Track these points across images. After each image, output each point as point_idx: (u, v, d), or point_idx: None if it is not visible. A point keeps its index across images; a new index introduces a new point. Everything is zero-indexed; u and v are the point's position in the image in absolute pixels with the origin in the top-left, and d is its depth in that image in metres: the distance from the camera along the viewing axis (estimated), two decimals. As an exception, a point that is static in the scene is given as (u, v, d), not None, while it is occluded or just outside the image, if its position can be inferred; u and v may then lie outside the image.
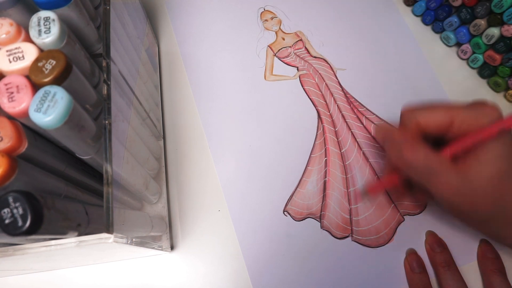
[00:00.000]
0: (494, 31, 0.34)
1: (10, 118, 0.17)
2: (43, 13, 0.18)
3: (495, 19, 0.33)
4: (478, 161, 0.23)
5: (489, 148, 0.23)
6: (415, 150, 0.24)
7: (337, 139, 0.35)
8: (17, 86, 0.17)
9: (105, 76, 0.21)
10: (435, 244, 0.30)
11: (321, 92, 0.37)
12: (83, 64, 0.21)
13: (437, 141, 0.25)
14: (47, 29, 0.18)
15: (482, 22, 0.35)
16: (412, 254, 0.30)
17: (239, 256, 0.31)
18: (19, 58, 0.18)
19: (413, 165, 0.24)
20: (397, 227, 0.32)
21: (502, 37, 0.34)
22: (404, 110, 0.26)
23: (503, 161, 0.23)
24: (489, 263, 0.29)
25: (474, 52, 0.37)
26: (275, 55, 0.39)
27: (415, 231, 0.32)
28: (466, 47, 0.38)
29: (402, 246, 0.31)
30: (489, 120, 0.23)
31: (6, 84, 0.17)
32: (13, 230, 0.15)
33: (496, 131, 0.22)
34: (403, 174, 0.27)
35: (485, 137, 0.22)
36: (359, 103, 0.37)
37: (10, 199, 0.15)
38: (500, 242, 0.29)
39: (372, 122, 0.36)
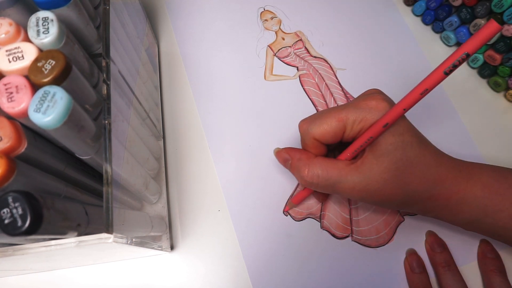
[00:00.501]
0: (494, 31, 0.34)
1: (10, 118, 0.17)
2: (42, 13, 0.18)
3: (495, 19, 0.33)
4: (374, 156, 0.24)
5: (382, 141, 0.24)
6: (311, 169, 0.25)
7: (337, 139, 0.35)
8: (17, 86, 0.17)
9: (104, 76, 0.21)
10: (435, 244, 0.30)
11: (321, 92, 0.37)
12: (82, 64, 0.21)
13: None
14: (45, 29, 0.18)
15: (482, 22, 0.34)
16: (412, 254, 0.30)
17: (239, 256, 0.31)
18: (19, 58, 0.18)
19: (314, 183, 0.25)
20: (397, 227, 0.32)
21: (502, 37, 0.34)
22: (300, 126, 0.27)
23: (397, 150, 0.23)
24: (489, 263, 0.29)
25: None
26: (275, 55, 0.39)
27: (415, 231, 0.32)
28: (466, 46, 0.37)
29: (402, 246, 0.31)
30: (375, 116, 0.23)
31: (5, 84, 0.17)
32: (13, 230, 0.15)
33: (380, 129, 0.23)
34: None
35: (373, 136, 0.23)
36: (359, 103, 0.37)
37: (10, 199, 0.15)
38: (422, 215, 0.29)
39: (372, 122, 0.36)
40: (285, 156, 0.28)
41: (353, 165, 0.25)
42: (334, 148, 0.28)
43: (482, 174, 0.25)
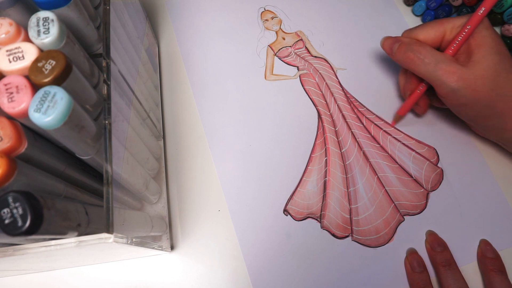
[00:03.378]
0: (495, 31, 0.34)
1: (10, 118, 0.17)
2: (42, 14, 0.18)
3: (496, 19, 0.33)
4: (476, 56, 0.28)
5: (483, 45, 0.28)
6: (422, 45, 0.29)
7: (337, 138, 0.35)
8: (17, 86, 0.17)
9: (105, 76, 0.21)
10: (435, 243, 0.30)
11: (322, 92, 0.37)
12: (82, 64, 0.21)
13: None
14: (46, 29, 0.18)
15: (482, 22, 0.34)
16: (412, 254, 0.30)
17: (239, 256, 0.31)
18: (19, 58, 0.18)
19: (421, 55, 0.29)
20: (397, 227, 0.32)
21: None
22: (403, 33, 0.32)
23: (496, 54, 0.27)
24: (488, 262, 0.29)
25: (474, 52, 0.37)
26: (275, 54, 0.39)
27: (415, 231, 0.32)
28: (467, 46, 0.37)
29: (402, 246, 0.31)
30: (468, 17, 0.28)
31: (5, 84, 0.17)
32: (13, 230, 0.15)
33: (481, 16, 0.27)
34: (417, 78, 0.32)
35: (472, 25, 0.28)
36: (359, 103, 0.37)
37: (10, 199, 0.15)
38: (500, 137, 0.31)
39: (372, 122, 0.36)
40: (394, 40, 0.31)
41: (456, 57, 0.29)
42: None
43: None
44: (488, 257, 0.30)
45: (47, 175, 0.19)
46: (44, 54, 0.18)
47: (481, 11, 0.27)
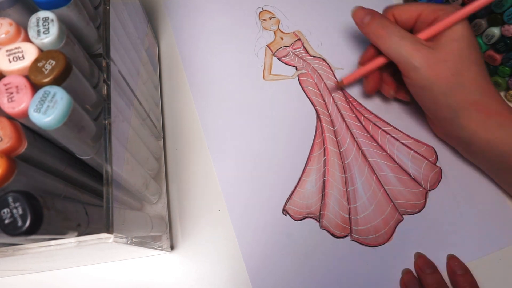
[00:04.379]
0: (495, 31, 0.34)
1: (10, 118, 0.17)
2: (42, 13, 0.18)
3: (496, 19, 0.33)
4: (444, 39, 0.28)
5: (454, 29, 0.28)
6: (393, 23, 0.30)
7: (336, 138, 0.35)
8: (17, 86, 0.17)
9: (105, 76, 0.21)
10: (425, 265, 0.30)
11: (320, 92, 0.37)
12: (82, 64, 0.21)
13: None
14: (46, 29, 0.18)
15: (482, 22, 0.35)
16: (408, 273, 0.30)
17: (239, 256, 0.31)
18: (19, 58, 0.18)
19: (389, 30, 0.29)
20: (396, 226, 0.32)
21: (502, 37, 0.34)
22: (384, 8, 0.32)
23: (464, 40, 0.28)
24: (460, 280, 0.29)
25: (473, 52, 0.37)
26: (273, 54, 0.39)
27: (414, 230, 0.32)
28: (465, 46, 0.38)
29: (401, 245, 0.31)
30: (452, 10, 0.28)
31: (5, 84, 0.17)
32: (13, 230, 0.15)
33: (460, 15, 0.28)
34: (383, 58, 0.31)
35: (452, 21, 0.28)
36: (358, 102, 0.37)
37: (10, 199, 0.15)
38: (456, 137, 0.31)
39: (371, 122, 0.36)
40: (367, 12, 0.31)
41: (425, 40, 0.29)
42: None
43: None
44: (458, 274, 0.29)
45: (47, 175, 0.19)
46: (44, 54, 0.18)
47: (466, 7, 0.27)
